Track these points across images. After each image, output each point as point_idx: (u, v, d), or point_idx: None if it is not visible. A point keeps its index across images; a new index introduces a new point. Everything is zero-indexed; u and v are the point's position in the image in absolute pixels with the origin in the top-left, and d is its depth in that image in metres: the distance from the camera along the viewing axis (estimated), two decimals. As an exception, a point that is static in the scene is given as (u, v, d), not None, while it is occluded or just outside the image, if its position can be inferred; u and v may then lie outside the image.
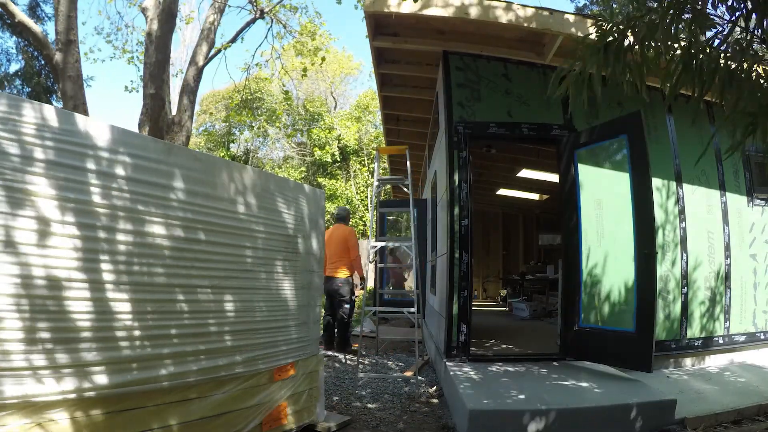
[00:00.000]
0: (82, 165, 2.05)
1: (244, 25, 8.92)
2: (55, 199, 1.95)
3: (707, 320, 4.72)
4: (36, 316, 1.88)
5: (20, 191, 1.87)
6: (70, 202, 2.00)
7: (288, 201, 3.12)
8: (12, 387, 1.79)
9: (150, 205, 2.29)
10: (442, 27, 4.65)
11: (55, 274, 1.93)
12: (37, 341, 1.87)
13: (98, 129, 2.13)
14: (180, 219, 2.41)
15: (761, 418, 3.34)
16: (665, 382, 3.92)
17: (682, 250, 4.64)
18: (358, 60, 23.90)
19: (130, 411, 2.13)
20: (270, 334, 2.90)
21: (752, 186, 5.08)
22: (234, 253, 2.70)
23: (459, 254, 4.33)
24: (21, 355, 1.83)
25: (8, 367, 1.79)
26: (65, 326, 1.95)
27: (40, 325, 1.88)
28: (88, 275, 2.04)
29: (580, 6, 13.45)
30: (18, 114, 1.88)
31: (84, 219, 2.04)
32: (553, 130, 4.59)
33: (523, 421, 2.98)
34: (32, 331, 1.86)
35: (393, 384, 4.50)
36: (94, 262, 2.06)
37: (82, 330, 2.00)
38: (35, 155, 1.91)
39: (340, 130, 18.95)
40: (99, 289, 2.07)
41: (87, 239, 2.04)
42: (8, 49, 11.26)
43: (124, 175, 2.20)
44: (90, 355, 2.01)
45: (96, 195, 2.09)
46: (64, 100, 5.84)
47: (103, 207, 2.11)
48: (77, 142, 2.04)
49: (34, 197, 1.89)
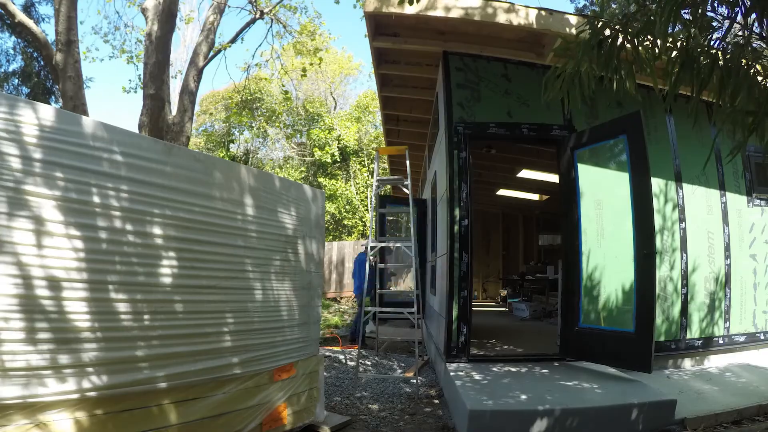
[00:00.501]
0: (83, 165, 2.05)
1: (244, 25, 8.93)
2: (56, 199, 1.96)
3: (707, 321, 4.72)
4: (36, 316, 1.88)
5: (22, 192, 1.87)
6: (73, 202, 2.00)
7: (288, 201, 3.12)
8: (14, 388, 1.79)
9: (149, 206, 2.29)
10: (442, 27, 4.65)
11: (54, 274, 1.93)
12: (36, 341, 1.87)
13: (100, 129, 2.14)
14: (180, 219, 2.41)
15: (761, 418, 3.34)
16: (665, 383, 3.91)
17: (682, 250, 4.64)
18: (357, 60, 23.92)
19: (129, 411, 2.12)
20: (270, 334, 2.90)
21: (752, 186, 5.08)
22: (234, 253, 2.70)
23: (459, 254, 4.33)
24: (21, 356, 1.83)
25: (11, 368, 1.80)
26: (62, 326, 1.95)
27: (39, 326, 1.88)
28: (86, 276, 2.04)
29: (580, 6, 13.45)
30: (19, 114, 1.88)
31: (82, 219, 2.04)
32: (552, 131, 4.59)
33: (523, 421, 2.98)
34: (31, 331, 1.86)
35: (393, 384, 4.50)
36: (93, 263, 2.06)
37: (82, 330, 2.00)
38: (38, 156, 1.91)
39: (339, 130, 18.96)
40: (97, 289, 2.07)
41: (86, 240, 2.04)
42: (8, 50, 11.26)
43: (125, 176, 2.20)
44: (89, 355, 2.01)
45: (95, 195, 2.09)
46: (63, 100, 5.84)
47: (101, 207, 2.11)
48: (80, 143, 2.05)
49: (36, 198, 1.90)
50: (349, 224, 18.11)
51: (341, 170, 19.36)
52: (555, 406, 3.04)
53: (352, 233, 18.06)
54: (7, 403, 1.78)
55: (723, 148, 4.97)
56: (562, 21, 4.28)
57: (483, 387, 3.45)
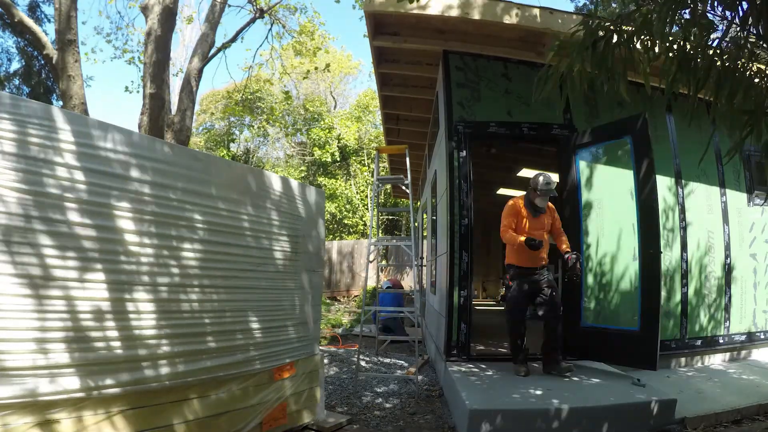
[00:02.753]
0: (93, 167, 2.05)
1: (244, 24, 8.94)
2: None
3: (707, 320, 4.72)
4: (40, 316, 1.88)
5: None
6: (87, 204, 2.01)
7: (288, 200, 3.12)
8: (17, 387, 1.80)
9: (151, 205, 2.29)
10: (442, 26, 4.64)
11: (57, 274, 1.94)
12: (41, 341, 1.87)
13: (101, 129, 2.14)
14: (181, 219, 2.41)
15: (761, 417, 3.34)
16: (665, 382, 3.91)
17: (682, 249, 4.64)
18: (357, 59, 23.89)
19: (129, 411, 2.12)
20: (270, 333, 2.90)
21: (752, 185, 5.08)
22: (234, 252, 2.70)
23: (459, 254, 4.33)
24: (26, 355, 1.83)
25: (16, 367, 1.80)
26: (62, 326, 1.95)
27: (42, 325, 1.88)
28: (88, 275, 2.04)
29: (580, 6, 13.43)
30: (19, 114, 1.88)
31: (87, 219, 2.04)
32: (553, 130, 4.58)
33: (524, 420, 2.99)
34: (40, 330, 1.87)
35: (393, 384, 4.50)
36: (93, 263, 2.06)
37: (80, 330, 2.00)
38: (48, 157, 1.92)
39: (339, 129, 18.94)
40: (96, 289, 2.07)
41: (90, 239, 2.05)
42: (8, 49, 11.24)
43: (126, 176, 2.20)
44: (88, 355, 2.01)
45: (101, 196, 2.09)
46: (64, 100, 5.84)
47: (106, 207, 2.11)
48: (86, 143, 2.05)
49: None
50: (349, 223, 18.10)
51: (341, 169, 19.34)
52: (555, 405, 3.03)
53: (352, 232, 18.05)
54: (10, 403, 1.78)
55: (723, 147, 4.97)
56: (563, 20, 4.27)
57: (483, 386, 3.45)
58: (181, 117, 7.02)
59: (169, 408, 2.28)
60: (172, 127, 6.81)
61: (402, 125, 8.10)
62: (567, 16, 4.31)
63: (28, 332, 1.85)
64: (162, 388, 2.25)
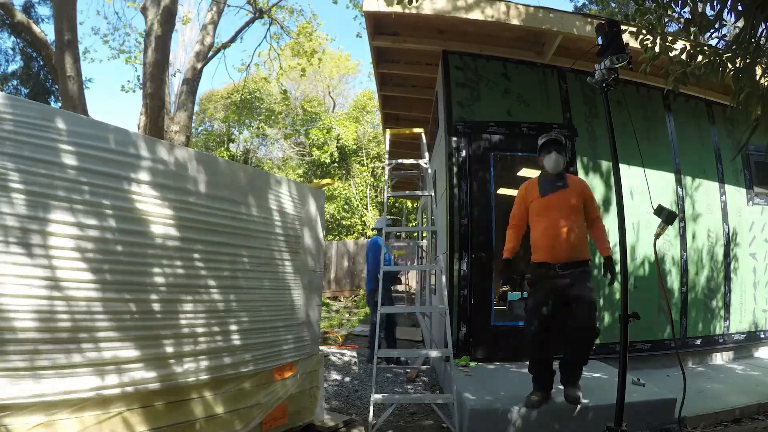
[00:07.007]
0: (98, 168, 2.05)
1: (243, 25, 8.94)
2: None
3: (707, 319, 4.72)
4: (39, 316, 1.88)
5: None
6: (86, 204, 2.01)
7: (288, 201, 3.12)
8: (28, 386, 1.80)
9: (153, 206, 2.28)
10: (442, 26, 4.64)
11: (61, 275, 1.94)
12: (46, 341, 1.87)
13: (104, 130, 2.14)
14: (182, 219, 2.40)
15: (761, 416, 3.34)
16: (665, 381, 3.91)
17: (682, 249, 4.64)
18: (355, 59, 23.88)
19: (127, 412, 2.12)
20: (270, 333, 2.90)
21: (752, 185, 5.08)
22: (235, 252, 2.69)
23: (459, 254, 4.33)
24: (30, 355, 1.83)
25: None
26: (64, 326, 1.95)
27: (45, 325, 1.88)
28: (89, 276, 2.03)
29: (579, 5, 13.43)
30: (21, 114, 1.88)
31: (90, 221, 2.04)
32: (552, 130, 4.58)
33: (523, 420, 2.98)
34: (44, 330, 1.86)
35: (394, 383, 4.50)
36: (92, 263, 2.06)
37: (80, 330, 2.00)
38: (49, 158, 1.91)
39: (338, 130, 18.92)
40: (96, 289, 2.06)
41: (93, 240, 2.04)
42: (7, 50, 11.22)
43: (126, 176, 2.20)
44: (88, 355, 2.01)
45: (101, 196, 2.09)
46: (63, 100, 5.83)
47: (110, 208, 2.11)
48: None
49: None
50: (347, 224, 18.08)
51: (340, 170, 19.33)
52: (555, 405, 3.03)
53: (352, 233, 18.04)
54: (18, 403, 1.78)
55: (722, 147, 4.97)
56: (563, 19, 4.27)
57: (484, 386, 3.45)
58: (181, 117, 7.02)
59: (168, 408, 2.27)
60: (171, 127, 6.80)
61: (402, 125, 8.10)
62: (567, 15, 4.31)
63: (28, 332, 1.85)
64: (162, 388, 2.24)
